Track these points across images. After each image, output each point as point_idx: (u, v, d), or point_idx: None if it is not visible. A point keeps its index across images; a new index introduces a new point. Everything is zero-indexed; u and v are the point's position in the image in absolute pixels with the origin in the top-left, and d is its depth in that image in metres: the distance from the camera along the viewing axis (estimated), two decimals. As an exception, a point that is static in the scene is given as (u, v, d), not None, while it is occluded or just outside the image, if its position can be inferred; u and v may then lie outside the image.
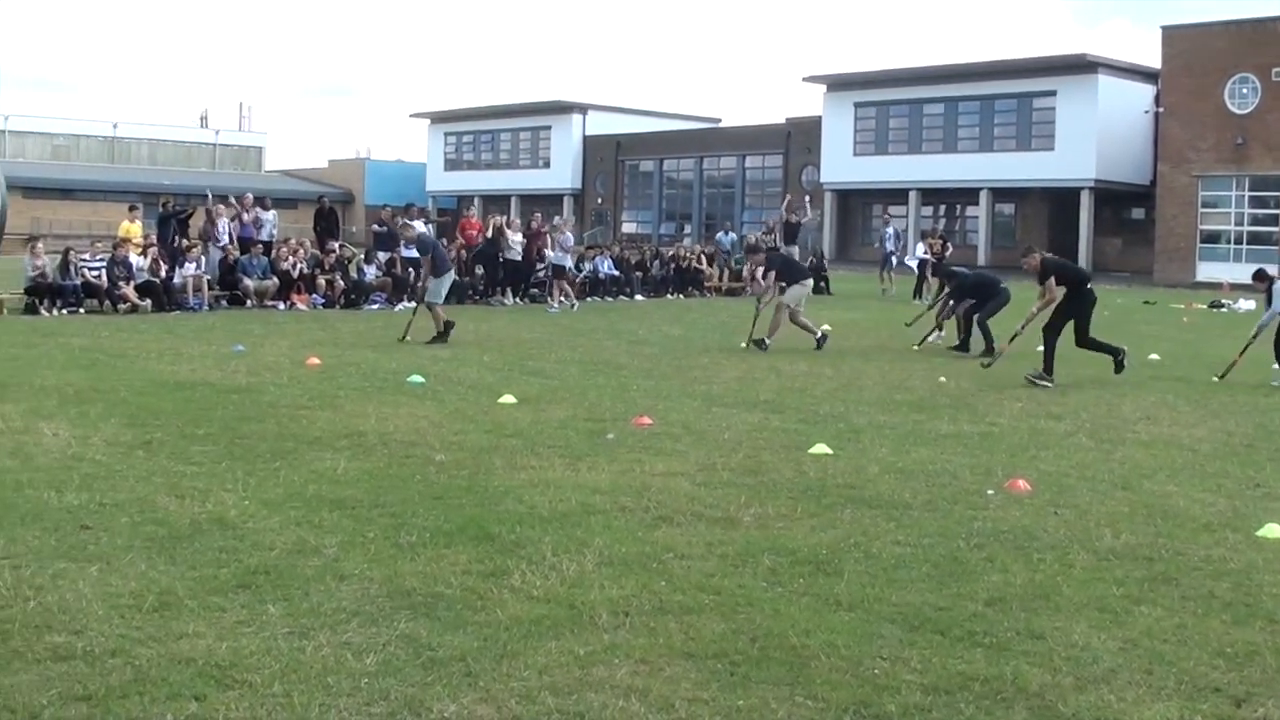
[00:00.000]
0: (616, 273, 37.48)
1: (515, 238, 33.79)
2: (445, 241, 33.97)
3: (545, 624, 6.89)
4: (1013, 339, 19.09)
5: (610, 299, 36.10)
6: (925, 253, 37.85)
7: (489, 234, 34.33)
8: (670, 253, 41.12)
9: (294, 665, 6.24)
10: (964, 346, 22.70)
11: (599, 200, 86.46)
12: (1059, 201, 65.20)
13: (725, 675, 6.17)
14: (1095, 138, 61.65)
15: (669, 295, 37.87)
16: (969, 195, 66.88)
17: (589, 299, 34.77)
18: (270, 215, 33.74)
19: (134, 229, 31.84)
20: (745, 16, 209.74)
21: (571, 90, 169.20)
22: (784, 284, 22.80)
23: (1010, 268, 59.07)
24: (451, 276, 24.18)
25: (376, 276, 32.53)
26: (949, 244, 40.55)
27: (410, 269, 32.35)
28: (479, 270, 34.15)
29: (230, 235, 31.96)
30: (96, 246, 31.57)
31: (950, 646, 6.63)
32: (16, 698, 5.78)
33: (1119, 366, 18.30)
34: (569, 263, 33.91)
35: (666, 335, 24.23)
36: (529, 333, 24.87)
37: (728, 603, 7.33)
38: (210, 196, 34.38)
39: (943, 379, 17.69)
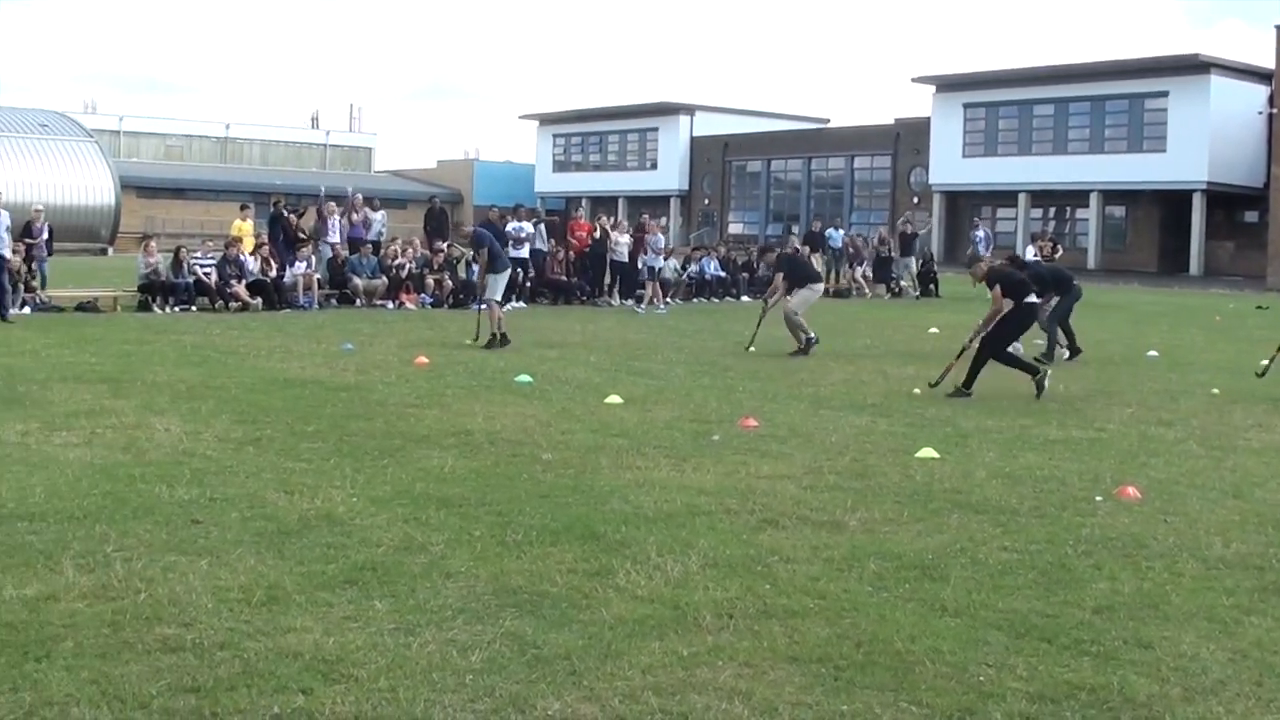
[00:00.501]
0: (723, 274, 37.42)
1: (622, 239, 33.76)
2: (554, 242, 34.12)
3: (649, 624, 6.92)
4: (960, 354, 17.04)
5: (716, 300, 36.06)
6: (1035, 255, 37.44)
7: (596, 235, 34.36)
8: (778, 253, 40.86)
9: (400, 661, 6.30)
10: (1050, 354, 21.28)
11: (706, 201, 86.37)
12: (1170, 204, 64.35)
13: (829, 680, 6.16)
14: (1208, 139, 60.79)
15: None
16: (1079, 198, 66.17)
17: (695, 300, 34.75)
18: (379, 215, 34.05)
19: (245, 228, 32.24)
20: (854, 16, 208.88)
21: (679, 91, 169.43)
22: (793, 286, 22.10)
23: (1121, 271, 58.52)
24: (508, 274, 23.57)
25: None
26: (1059, 246, 40.08)
27: (518, 269, 32.49)
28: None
29: (341, 234, 32.27)
30: (208, 245, 31.96)
31: (1057, 654, 6.58)
32: (126, 688, 5.88)
33: (1039, 388, 16.53)
34: (658, 264, 33.83)
35: (773, 337, 24.16)
36: (635, 334, 24.93)
37: (832, 607, 7.31)
38: (324, 193, 34.71)
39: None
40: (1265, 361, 18.25)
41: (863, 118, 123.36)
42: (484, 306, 22.31)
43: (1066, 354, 21.43)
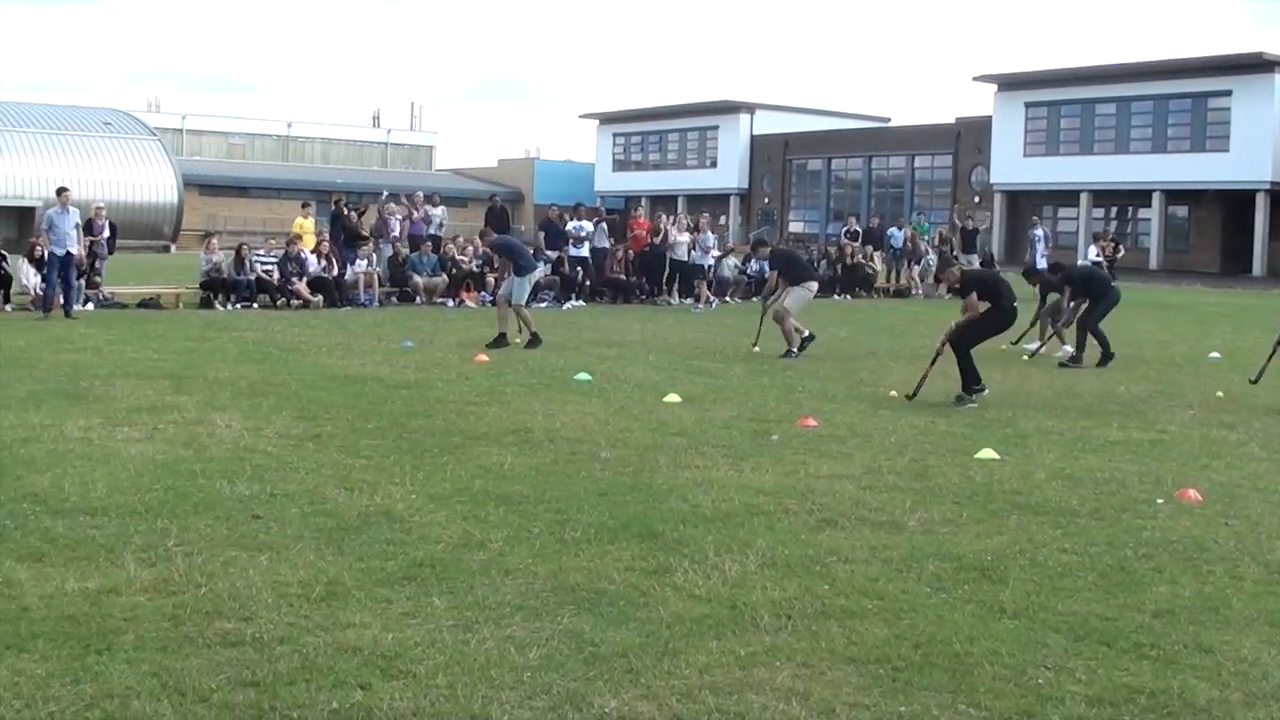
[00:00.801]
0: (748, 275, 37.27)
1: (682, 238, 33.69)
2: (613, 241, 34.12)
3: (707, 623, 6.91)
4: (933, 361, 16.34)
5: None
6: (1098, 255, 37.17)
7: (657, 237, 34.32)
8: (837, 250, 40.63)
9: (458, 657, 6.32)
10: (1079, 358, 20.56)
11: (766, 200, 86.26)
12: (1234, 204, 63.75)
13: (887, 681, 6.14)
14: (1272, 138, 60.21)
15: (835, 296, 37.58)
16: (1141, 197, 65.68)
17: (754, 299, 34.61)
18: (439, 210, 34.18)
19: (307, 225, 32.45)
20: (915, 14, 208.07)
21: (739, 90, 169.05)
22: (789, 284, 21.47)
23: (1183, 272, 58.06)
24: (535, 276, 23.16)
25: (544, 275, 32.76)
26: (1121, 246, 39.79)
27: (578, 268, 32.55)
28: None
29: (402, 232, 32.44)
30: (270, 243, 32.18)
31: (1116, 658, 6.54)
32: (187, 681, 5.93)
33: (961, 399, 15.84)
34: (708, 262, 33.68)
35: (832, 336, 24.11)
36: (694, 332, 24.93)
37: (891, 608, 7.29)
38: (386, 194, 34.90)
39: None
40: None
41: (924, 116, 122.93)
42: (509, 309, 21.75)
43: (1096, 357, 20.29)
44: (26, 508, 9.20)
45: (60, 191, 26.12)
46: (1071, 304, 21.02)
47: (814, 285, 22.37)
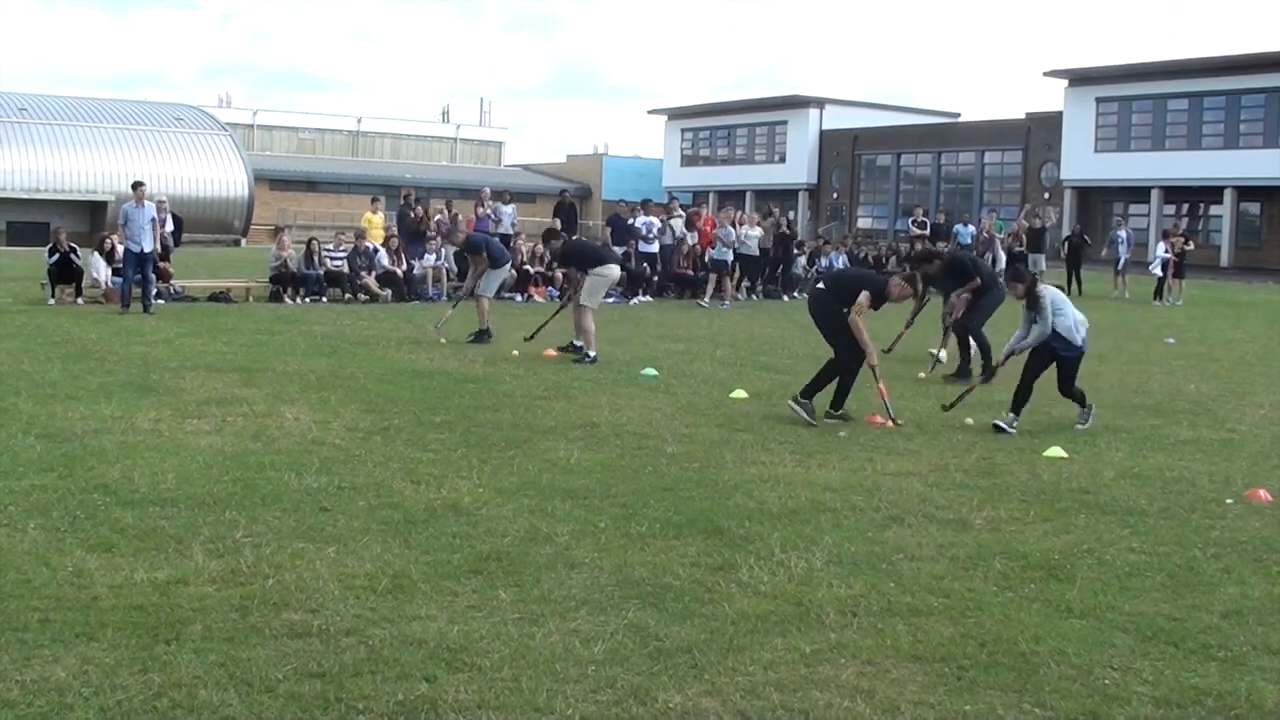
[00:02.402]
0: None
1: (752, 233, 33.54)
2: (696, 235, 34.01)
3: (772, 620, 6.91)
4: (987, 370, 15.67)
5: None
6: (1167, 252, 36.84)
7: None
8: (908, 246, 40.28)
9: (523, 650, 6.35)
10: (964, 370, 17.70)
11: (834, 195, 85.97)
12: (1308, 201, 63.06)
13: (952, 679, 6.12)
14: (1348, 134, 59.48)
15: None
16: (1213, 194, 64.98)
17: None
18: (509, 209, 34.24)
19: (376, 220, 32.59)
20: (986, 9, 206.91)
21: (808, 85, 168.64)
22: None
23: (1256, 269, 57.45)
24: (506, 271, 22.89)
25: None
26: (1191, 242, 39.39)
27: (645, 264, 32.52)
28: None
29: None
30: (340, 237, 32.33)
31: (1184, 659, 6.49)
32: (254, 671, 5.99)
33: (986, 375, 15.50)
34: (727, 256, 33.32)
35: (897, 333, 23.99)
36: (761, 328, 24.88)
37: (957, 606, 7.27)
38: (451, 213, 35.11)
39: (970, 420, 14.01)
40: None
41: (994, 112, 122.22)
42: (472, 300, 21.73)
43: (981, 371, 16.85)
44: (97, 498, 9.31)
45: (136, 186, 26.21)
46: (959, 295, 18.07)
47: (611, 270, 19.74)
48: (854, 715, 5.67)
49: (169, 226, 31.24)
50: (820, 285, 15.00)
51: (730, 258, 32.56)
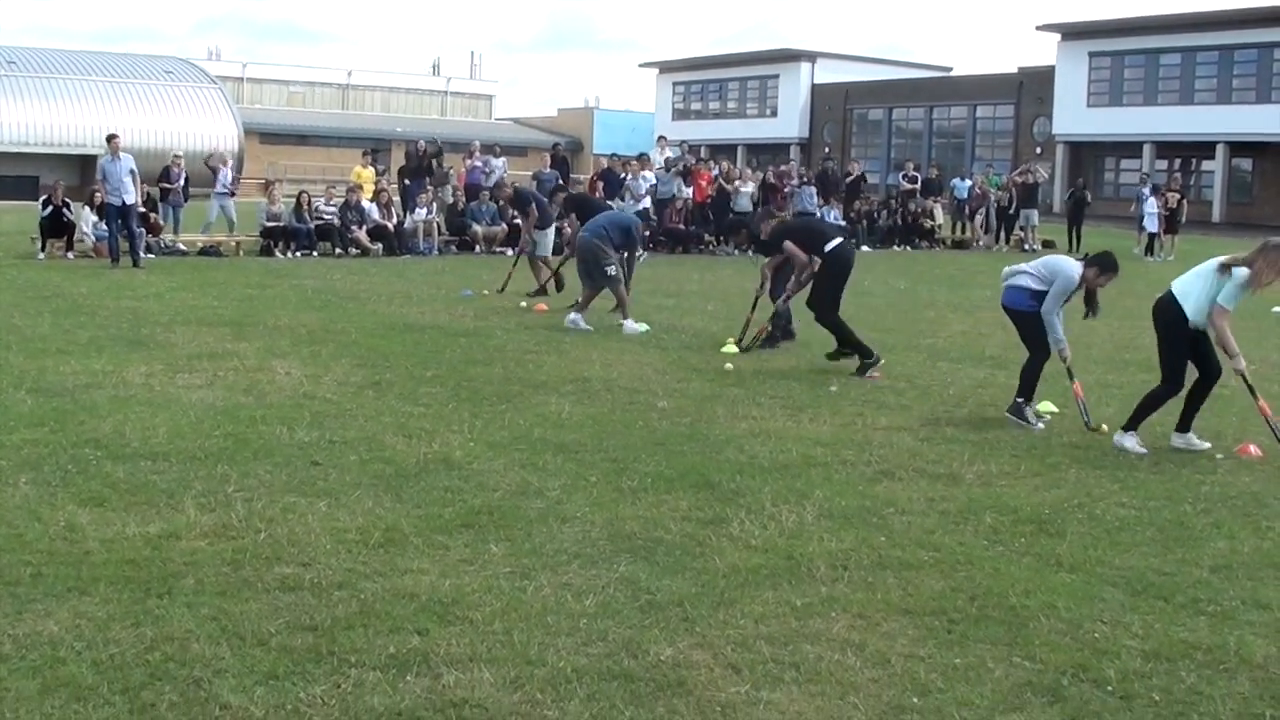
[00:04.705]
0: (842, 223, 36.95)
1: (745, 188, 33.44)
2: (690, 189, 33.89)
3: (763, 573, 6.93)
4: (752, 309, 15.43)
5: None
6: (1157, 207, 36.75)
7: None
8: (898, 200, 40.05)
9: (515, 604, 6.37)
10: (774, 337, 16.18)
11: (826, 149, 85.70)
12: (1300, 156, 62.95)
13: (942, 633, 6.14)
14: (1341, 90, 59.36)
15: (895, 247, 37.32)
16: (1205, 149, 64.83)
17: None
18: (500, 161, 34.17)
19: (367, 175, 32.55)
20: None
21: (800, 38, 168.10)
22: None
23: (1247, 225, 57.42)
24: (554, 230, 22.58)
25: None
26: (1185, 199, 39.26)
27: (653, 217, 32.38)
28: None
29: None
30: (330, 191, 32.29)
31: (1173, 613, 6.51)
32: (246, 625, 6.01)
33: (859, 368, 14.03)
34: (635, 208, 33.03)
35: (892, 288, 24.01)
36: (753, 282, 24.80)
37: (947, 560, 7.29)
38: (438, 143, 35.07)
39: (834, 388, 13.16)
40: None
41: (986, 66, 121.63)
42: (524, 259, 21.98)
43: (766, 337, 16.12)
44: (88, 453, 9.31)
45: (110, 139, 26.02)
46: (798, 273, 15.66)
47: (552, 235, 22.02)
48: (844, 668, 5.68)
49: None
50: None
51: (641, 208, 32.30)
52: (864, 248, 35.75)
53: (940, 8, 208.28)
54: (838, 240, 14.98)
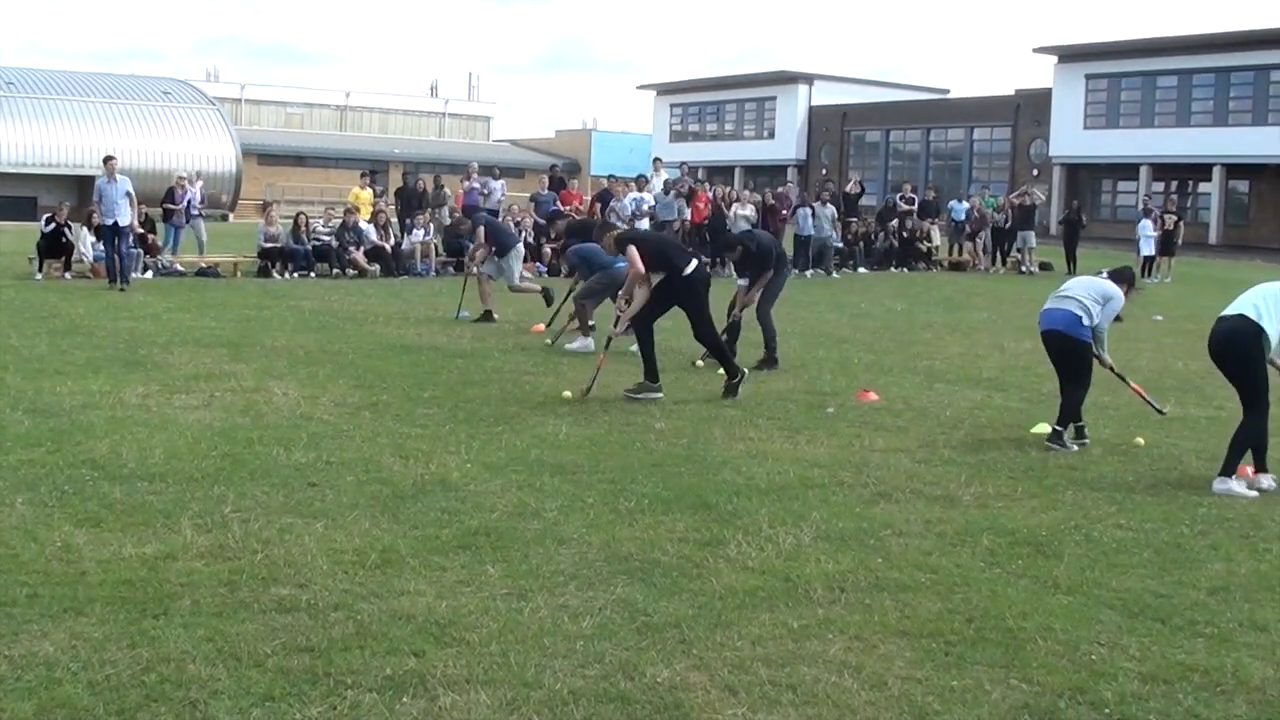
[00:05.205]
0: (840, 245, 36.95)
1: (744, 211, 33.31)
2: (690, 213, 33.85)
3: (760, 595, 6.93)
4: (606, 345, 14.44)
5: (835, 274, 35.56)
6: (1155, 231, 36.78)
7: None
8: (890, 211, 39.90)
9: (512, 625, 6.36)
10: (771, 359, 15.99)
11: (824, 171, 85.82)
12: (1296, 178, 63.01)
13: (940, 655, 6.14)
14: (1336, 112, 59.44)
15: (892, 269, 37.28)
16: (1202, 171, 64.93)
17: (808, 273, 34.38)
18: (499, 184, 34.18)
19: (364, 196, 32.58)
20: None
21: (797, 60, 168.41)
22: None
23: (1244, 247, 57.44)
24: (520, 250, 21.76)
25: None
26: (1182, 221, 39.27)
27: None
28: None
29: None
30: (328, 213, 32.34)
31: (1170, 635, 6.51)
32: (242, 646, 6.00)
33: (730, 389, 13.52)
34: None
35: (889, 309, 24.03)
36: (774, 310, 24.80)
37: (944, 582, 7.28)
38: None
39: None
40: None
41: (983, 89, 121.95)
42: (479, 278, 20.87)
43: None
44: (85, 473, 9.31)
45: (106, 160, 26.12)
46: (748, 284, 16.40)
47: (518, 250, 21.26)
48: (842, 690, 5.68)
49: (197, 200, 31.33)
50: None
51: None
52: (860, 269, 35.86)
53: (937, 30, 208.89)
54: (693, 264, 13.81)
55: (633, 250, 13.55)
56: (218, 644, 6.02)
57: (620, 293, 14.25)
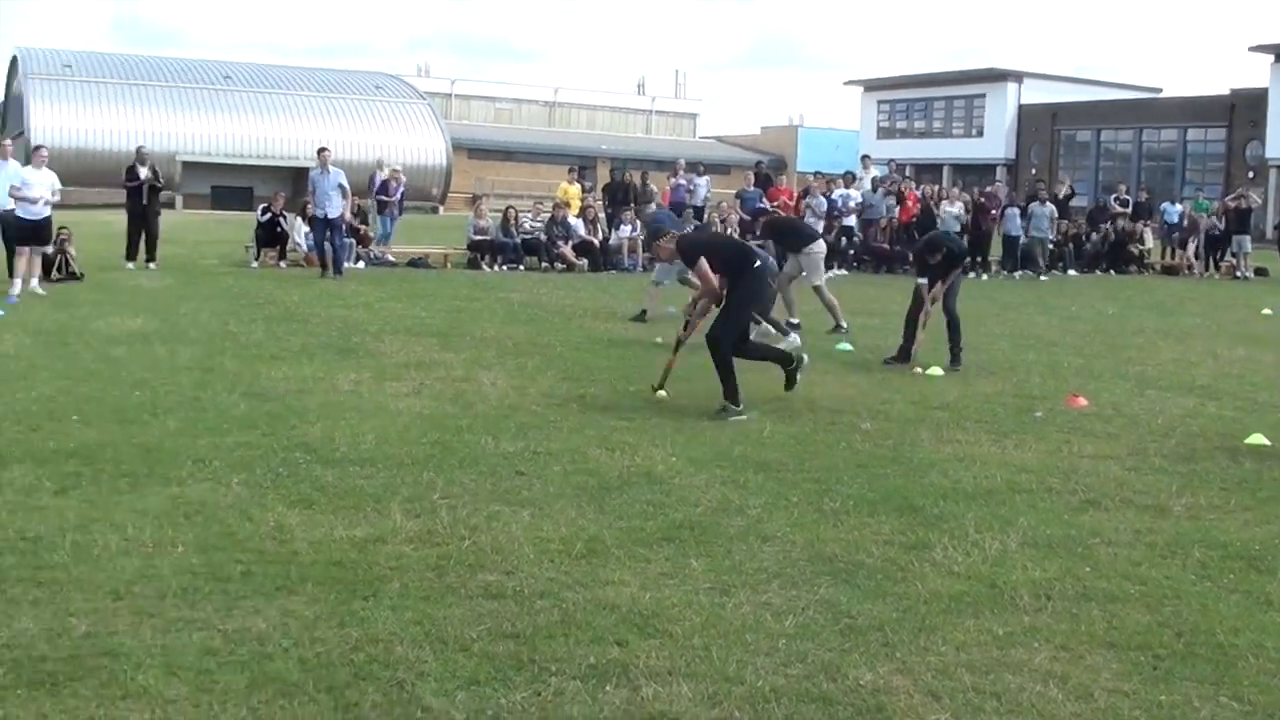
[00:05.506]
0: (1051, 246, 36.22)
1: (952, 209, 32.91)
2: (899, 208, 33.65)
3: (965, 601, 6.86)
4: (676, 348, 13.34)
5: (1042, 276, 34.96)
6: None
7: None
8: (1108, 222, 39.12)
9: (714, 620, 6.38)
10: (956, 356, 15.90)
11: (1033, 170, 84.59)
12: None
13: (1148, 668, 6.01)
14: None
15: (1099, 271, 36.50)
16: None
17: (1018, 273, 33.88)
18: (704, 180, 34.23)
19: (573, 192, 32.84)
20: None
21: (1006, 58, 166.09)
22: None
23: None
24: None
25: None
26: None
27: (843, 237, 32.24)
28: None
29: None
30: (537, 207, 32.66)
31: (1393, 656, 6.31)
32: (449, 630, 6.12)
33: (791, 380, 12.74)
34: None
35: (1100, 313, 23.60)
36: (960, 304, 24.55)
37: (1154, 593, 7.13)
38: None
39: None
40: None
41: (1196, 88, 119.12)
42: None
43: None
44: (299, 456, 9.54)
45: (320, 152, 26.71)
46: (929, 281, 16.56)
47: (821, 244, 20.39)
48: (1046, 700, 5.60)
49: (399, 193, 31.91)
50: None
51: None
52: (1070, 271, 35.22)
53: (1149, 28, 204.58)
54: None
55: (703, 264, 12.31)
56: (425, 627, 6.13)
57: (691, 300, 13.21)
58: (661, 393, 12.75)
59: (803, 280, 19.38)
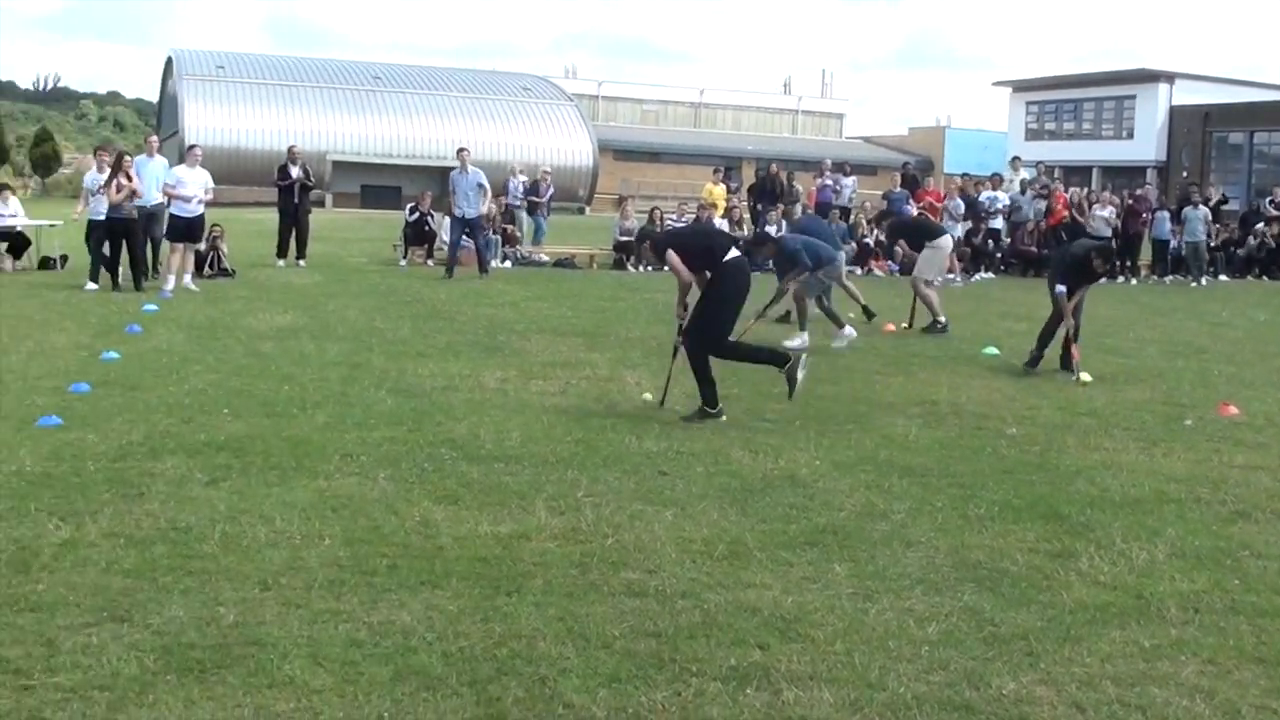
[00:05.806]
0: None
1: (1103, 212, 32.28)
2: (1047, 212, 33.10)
3: (1111, 611, 6.77)
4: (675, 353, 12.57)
5: (1195, 283, 34.28)
6: None
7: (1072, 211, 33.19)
8: (1262, 225, 38.14)
9: (856, 625, 6.36)
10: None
11: (1184, 174, 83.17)
12: None
13: (1298, 685, 5.90)
14: None
15: (1251, 276, 35.64)
16: None
17: (1168, 278, 33.33)
18: (850, 181, 34.04)
19: (718, 193, 32.84)
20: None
21: (1158, 58, 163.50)
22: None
23: None
24: (838, 257, 19.08)
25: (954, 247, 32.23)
26: None
27: (990, 240, 31.91)
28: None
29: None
30: (682, 208, 32.71)
31: None
32: (591, 626, 6.18)
33: (701, 414, 11.59)
34: (957, 232, 32.12)
35: (1251, 320, 23.15)
36: (1107, 309, 24.21)
37: (1304, 609, 6.99)
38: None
39: None
40: None
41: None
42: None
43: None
44: (444, 452, 9.66)
45: (459, 152, 26.97)
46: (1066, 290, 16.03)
47: (947, 241, 20.49)
48: (1193, 715, 5.51)
49: (549, 194, 32.21)
50: None
51: (958, 233, 31.55)
52: (1222, 277, 34.54)
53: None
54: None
55: (673, 256, 11.91)
56: (568, 623, 6.19)
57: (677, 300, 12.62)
58: (647, 395, 12.64)
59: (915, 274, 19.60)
